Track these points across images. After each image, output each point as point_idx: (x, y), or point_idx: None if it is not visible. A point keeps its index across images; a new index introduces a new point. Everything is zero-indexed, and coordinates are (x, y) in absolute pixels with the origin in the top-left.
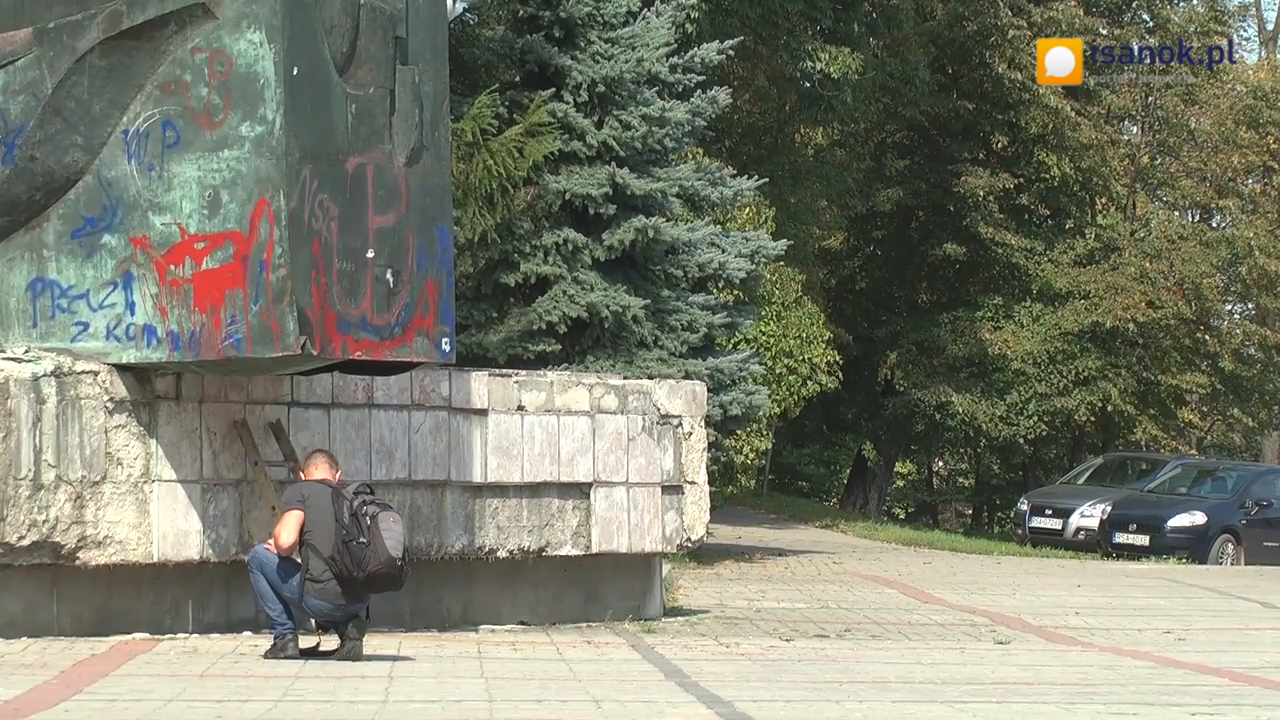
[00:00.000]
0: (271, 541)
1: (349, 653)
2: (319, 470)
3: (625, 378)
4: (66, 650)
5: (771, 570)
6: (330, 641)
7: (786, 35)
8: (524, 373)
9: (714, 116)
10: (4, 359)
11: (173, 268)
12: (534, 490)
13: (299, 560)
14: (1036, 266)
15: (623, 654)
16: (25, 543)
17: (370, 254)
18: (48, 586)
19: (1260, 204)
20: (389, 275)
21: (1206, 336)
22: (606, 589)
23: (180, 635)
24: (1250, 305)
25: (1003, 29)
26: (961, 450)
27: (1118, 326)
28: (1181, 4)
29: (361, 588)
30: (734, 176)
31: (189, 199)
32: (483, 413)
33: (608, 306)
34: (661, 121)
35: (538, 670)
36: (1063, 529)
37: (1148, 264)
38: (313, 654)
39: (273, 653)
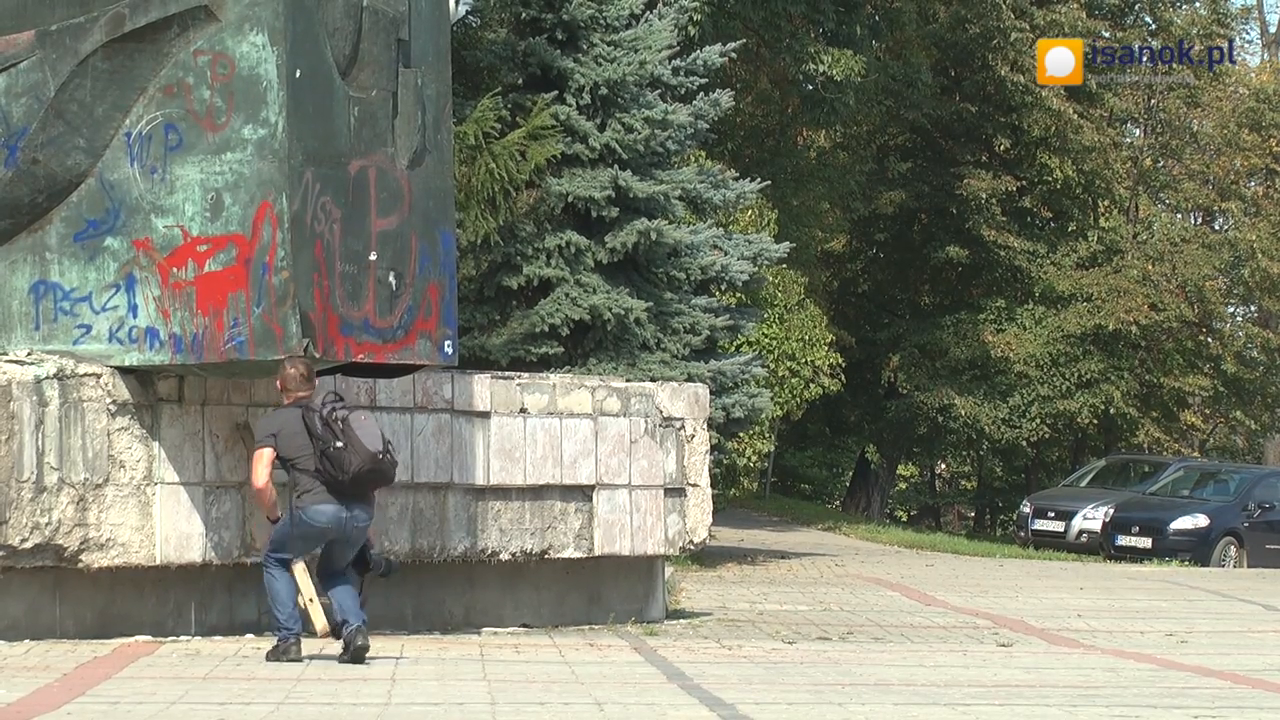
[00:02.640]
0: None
1: (354, 656)
2: (295, 391)
3: (628, 380)
4: (69, 653)
5: (774, 573)
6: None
7: (789, 38)
8: (526, 375)
9: (716, 119)
10: (6, 362)
11: (175, 270)
12: (536, 493)
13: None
14: (1039, 269)
15: (625, 656)
16: (28, 545)
17: (373, 257)
18: (50, 589)
19: (1263, 207)
20: (391, 278)
21: (1209, 339)
22: (609, 591)
23: (183, 638)
24: (1253, 308)
25: (1005, 31)
26: (964, 453)
27: (1120, 329)
28: (1184, 6)
29: (352, 488)
30: (736, 179)
31: (191, 201)
32: (485, 415)
33: (610, 309)
34: (664, 124)
35: (540, 673)
36: (1065, 531)
37: (1150, 267)
38: (317, 657)
39: (275, 655)
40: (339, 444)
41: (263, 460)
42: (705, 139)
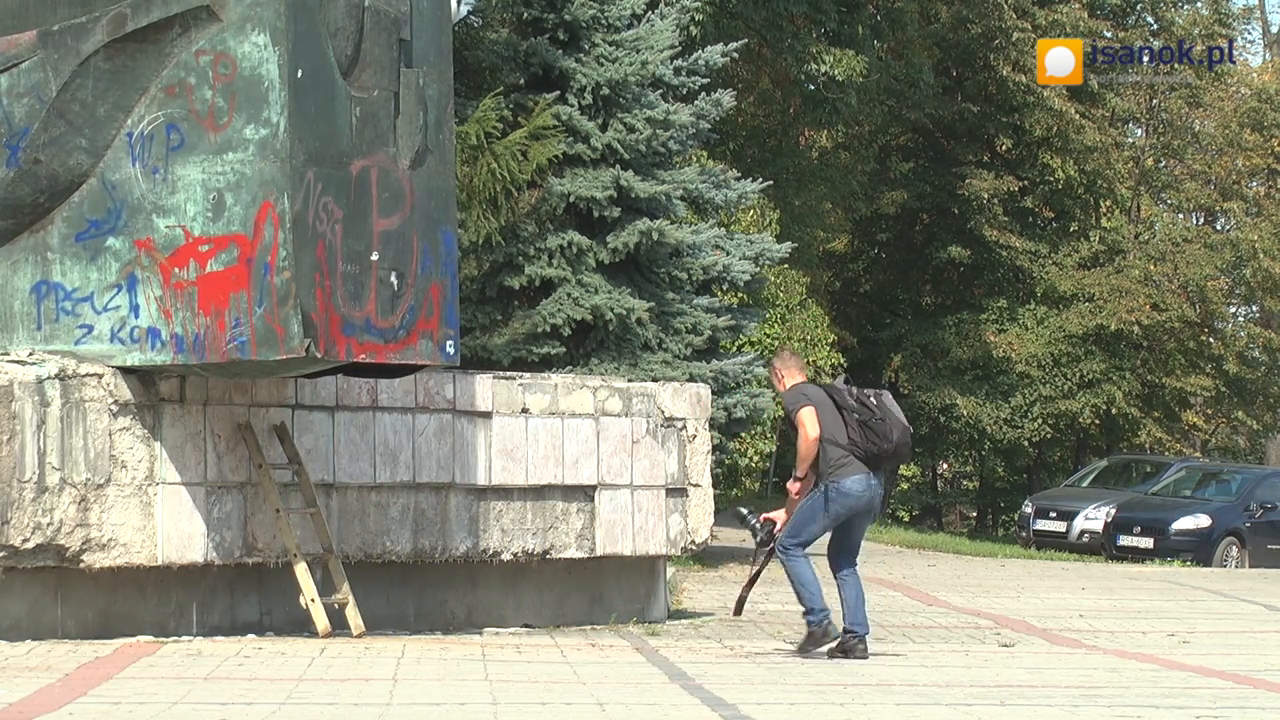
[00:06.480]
0: (781, 513)
1: (849, 652)
2: (797, 374)
3: (629, 380)
4: (70, 653)
5: (776, 573)
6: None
7: (791, 38)
8: (528, 375)
9: (718, 119)
10: (8, 362)
11: (177, 270)
12: (538, 493)
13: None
14: (1041, 269)
15: (627, 657)
16: (30, 545)
17: (374, 257)
18: (52, 589)
19: (1265, 207)
20: (393, 278)
21: (1211, 339)
22: (611, 592)
23: (184, 638)
24: (1255, 308)
25: (1007, 31)
26: (966, 453)
27: (1122, 329)
28: (1185, 7)
29: (888, 459)
30: (738, 179)
31: (193, 201)
32: (487, 415)
33: (612, 309)
34: (666, 124)
35: (542, 673)
36: (1067, 532)
37: (1152, 267)
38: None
39: (810, 645)
40: (880, 417)
41: (811, 416)
42: (707, 139)
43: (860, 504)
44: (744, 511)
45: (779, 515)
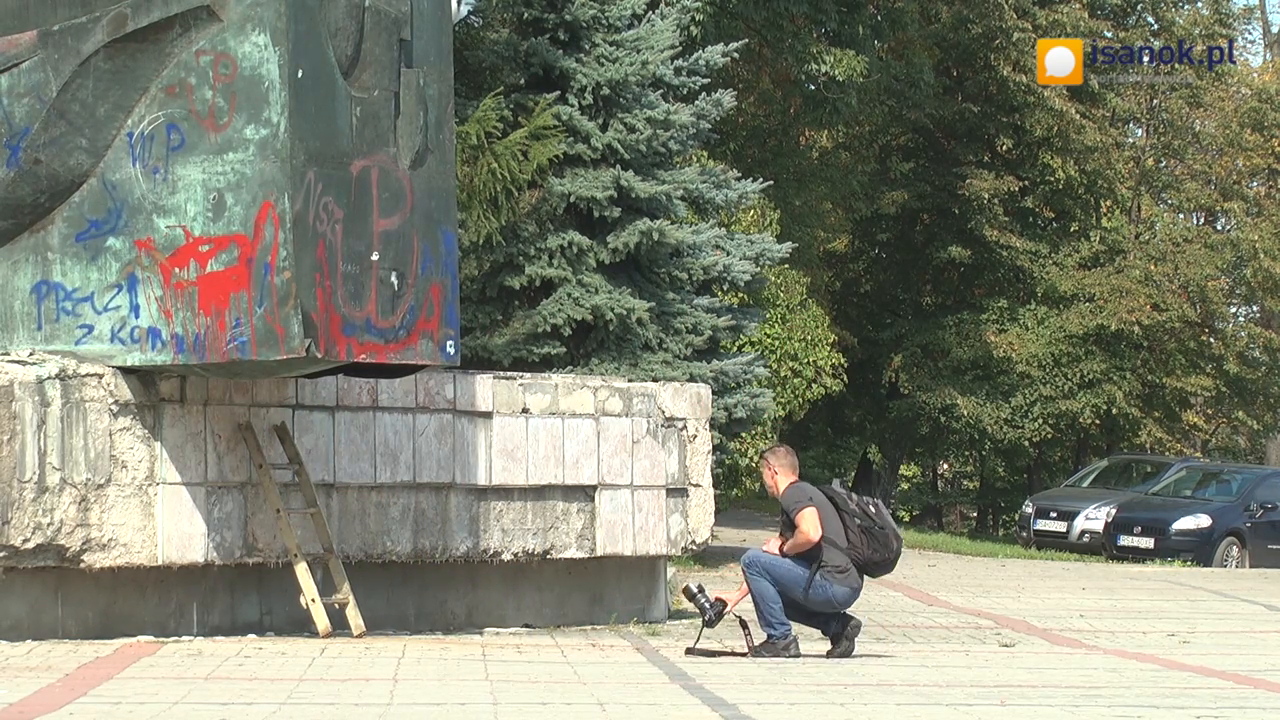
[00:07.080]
0: (770, 544)
1: (843, 652)
2: (791, 474)
3: (630, 380)
4: (71, 653)
5: None
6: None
7: (791, 38)
8: (529, 375)
9: (718, 119)
10: (9, 362)
11: (177, 270)
12: (539, 493)
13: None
14: (1041, 269)
15: (627, 657)
16: (30, 545)
17: (375, 257)
18: (52, 589)
19: (1265, 207)
20: (393, 278)
21: (1211, 339)
22: (611, 592)
23: (185, 638)
24: (1255, 308)
25: (1007, 31)
26: (966, 453)
27: (1122, 329)
28: (1186, 7)
29: (881, 567)
30: (738, 179)
31: (193, 202)
32: (487, 415)
33: (612, 309)
34: (666, 124)
35: (542, 673)
36: (1067, 532)
37: (1152, 267)
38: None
39: (766, 651)
40: (881, 526)
41: (814, 516)
42: (707, 139)
43: (833, 607)
44: (694, 588)
45: (730, 596)
